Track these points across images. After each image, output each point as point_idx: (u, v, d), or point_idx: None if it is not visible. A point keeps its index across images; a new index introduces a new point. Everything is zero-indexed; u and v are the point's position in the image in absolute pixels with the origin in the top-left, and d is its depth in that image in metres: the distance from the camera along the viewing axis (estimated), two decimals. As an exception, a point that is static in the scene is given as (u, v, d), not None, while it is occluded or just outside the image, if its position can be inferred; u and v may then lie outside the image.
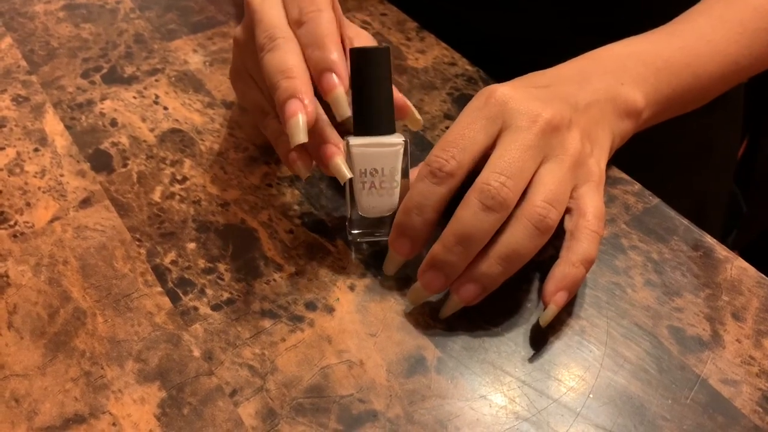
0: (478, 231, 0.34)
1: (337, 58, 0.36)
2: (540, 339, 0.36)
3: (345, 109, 0.36)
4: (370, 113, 0.38)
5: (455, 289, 0.36)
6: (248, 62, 0.41)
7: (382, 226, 0.40)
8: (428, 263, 0.36)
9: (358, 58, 0.37)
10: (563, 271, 0.35)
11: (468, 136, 0.36)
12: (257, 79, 0.41)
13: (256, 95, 0.41)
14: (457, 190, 0.36)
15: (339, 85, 0.36)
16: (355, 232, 0.40)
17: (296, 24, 0.38)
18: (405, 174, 0.38)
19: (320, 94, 0.37)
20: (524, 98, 0.37)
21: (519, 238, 0.35)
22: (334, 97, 0.36)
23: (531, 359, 0.36)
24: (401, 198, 0.38)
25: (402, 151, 0.38)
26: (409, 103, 0.41)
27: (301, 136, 0.35)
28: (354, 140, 0.38)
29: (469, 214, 0.34)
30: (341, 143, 0.38)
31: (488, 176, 0.35)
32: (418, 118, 0.42)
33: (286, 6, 0.39)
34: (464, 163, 0.35)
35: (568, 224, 0.37)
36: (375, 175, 0.38)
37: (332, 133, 0.38)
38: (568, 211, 0.37)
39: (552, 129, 0.36)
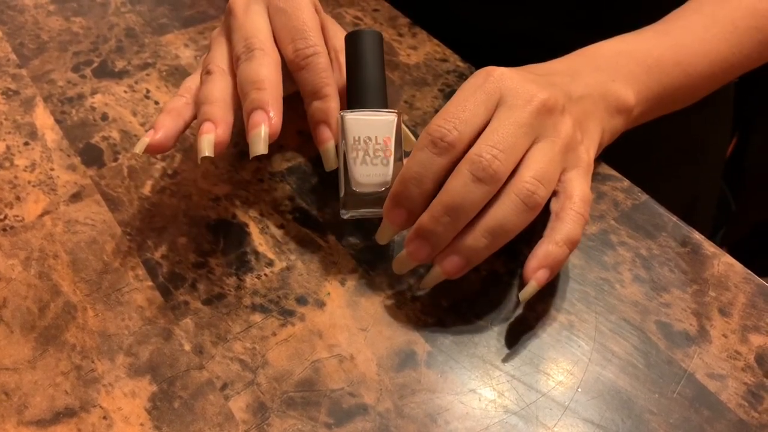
0: (467, 202, 0.34)
1: (334, 108, 0.40)
2: (529, 334, 0.37)
3: (333, 161, 0.40)
4: (364, 90, 0.40)
5: (438, 261, 0.36)
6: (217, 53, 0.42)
7: (375, 203, 0.40)
8: (415, 232, 0.36)
9: (352, 40, 0.40)
10: (546, 249, 0.35)
11: (469, 108, 0.36)
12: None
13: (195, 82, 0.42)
14: (456, 162, 0.35)
15: (330, 140, 0.40)
16: (346, 211, 0.40)
17: (293, 65, 0.40)
18: (398, 150, 0.39)
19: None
20: (521, 79, 0.37)
21: (506, 213, 0.35)
22: (324, 150, 0.40)
23: (520, 354, 0.36)
24: (394, 176, 0.38)
25: (395, 122, 0.38)
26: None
27: (260, 147, 0.37)
28: (347, 113, 0.39)
29: (459, 185, 0.34)
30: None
31: (481, 148, 0.35)
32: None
33: (276, 30, 0.40)
34: (465, 135, 0.35)
35: (554, 206, 0.37)
36: (368, 143, 0.38)
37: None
38: (554, 194, 0.37)
39: (547, 110, 0.36)
